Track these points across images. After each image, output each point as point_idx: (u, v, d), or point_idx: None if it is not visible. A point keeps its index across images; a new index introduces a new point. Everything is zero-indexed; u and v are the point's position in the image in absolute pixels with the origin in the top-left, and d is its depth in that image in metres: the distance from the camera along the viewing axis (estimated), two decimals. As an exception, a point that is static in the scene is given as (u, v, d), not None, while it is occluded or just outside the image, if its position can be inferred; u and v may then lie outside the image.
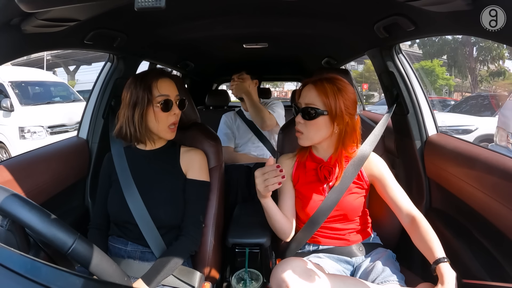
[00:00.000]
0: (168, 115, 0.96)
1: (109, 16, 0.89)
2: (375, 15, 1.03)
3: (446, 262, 0.77)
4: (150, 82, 0.94)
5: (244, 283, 0.90)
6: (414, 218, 0.89)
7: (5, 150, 4.42)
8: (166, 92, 0.95)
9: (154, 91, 0.93)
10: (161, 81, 0.95)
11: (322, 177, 0.98)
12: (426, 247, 0.83)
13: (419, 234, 0.86)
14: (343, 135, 0.94)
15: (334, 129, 0.94)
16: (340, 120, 0.92)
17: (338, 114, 0.91)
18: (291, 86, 16.35)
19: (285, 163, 1.06)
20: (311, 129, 0.94)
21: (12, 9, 0.67)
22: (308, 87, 0.95)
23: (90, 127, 1.33)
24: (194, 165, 1.01)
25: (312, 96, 0.93)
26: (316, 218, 0.96)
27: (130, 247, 0.92)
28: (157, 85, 0.94)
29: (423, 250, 0.85)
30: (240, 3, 1.08)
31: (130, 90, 0.94)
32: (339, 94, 0.92)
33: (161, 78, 0.96)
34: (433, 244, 0.82)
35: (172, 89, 0.97)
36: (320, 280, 0.71)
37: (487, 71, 16.52)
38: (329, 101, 0.91)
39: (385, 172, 0.99)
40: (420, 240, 0.86)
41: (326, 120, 0.93)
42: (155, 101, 0.93)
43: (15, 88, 4.60)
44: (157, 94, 0.93)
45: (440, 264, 0.77)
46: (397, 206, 0.94)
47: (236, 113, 1.94)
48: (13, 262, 0.46)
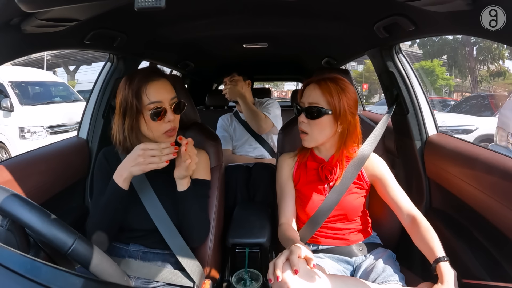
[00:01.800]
0: (162, 123, 0.86)
1: (109, 16, 0.89)
2: (375, 15, 1.03)
3: (446, 261, 0.77)
4: (138, 87, 0.84)
5: (244, 283, 0.90)
6: (415, 218, 0.90)
7: (5, 150, 4.43)
8: (157, 97, 0.85)
9: (144, 97, 0.84)
10: (151, 85, 0.85)
11: (323, 177, 0.98)
12: (426, 246, 0.84)
13: (420, 234, 0.86)
14: (346, 135, 0.95)
15: (338, 128, 0.94)
16: (344, 119, 0.92)
17: (342, 113, 0.92)
18: (291, 86, 16.34)
19: (286, 163, 1.06)
20: (315, 129, 0.94)
21: (12, 9, 0.67)
22: (312, 86, 0.95)
23: (90, 127, 1.33)
24: (199, 166, 0.99)
25: (316, 95, 0.93)
26: (316, 218, 0.96)
27: (132, 247, 0.92)
28: (146, 91, 0.84)
29: (423, 249, 0.85)
30: (240, 3, 1.08)
31: (120, 93, 0.86)
32: (342, 94, 0.92)
33: (150, 81, 0.85)
34: (433, 243, 0.82)
35: (165, 92, 0.87)
36: (321, 281, 0.71)
37: (487, 71, 16.52)
38: (333, 100, 0.91)
39: (385, 173, 0.99)
40: (420, 239, 0.86)
41: (330, 120, 0.93)
42: (145, 109, 0.84)
43: (15, 88, 4.60)
44: (147, 101, 0.84)
45: (440, 263, 0.77)
46: (398, 206, 0.94)
47: (232, 115, 1.95)
48: (13, 262, 0.46)
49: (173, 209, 0.92)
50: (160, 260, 0.92)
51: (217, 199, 1.07)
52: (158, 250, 0.92)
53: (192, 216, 0.92)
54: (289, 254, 0.71)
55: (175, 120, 0.90)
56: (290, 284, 0.70)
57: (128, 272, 0.87)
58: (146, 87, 0.85)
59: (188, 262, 0.91)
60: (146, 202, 0.90)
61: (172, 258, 0.92)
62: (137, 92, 0.84)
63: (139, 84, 0.85)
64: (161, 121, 0.87)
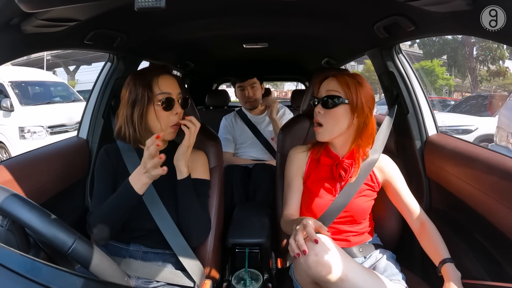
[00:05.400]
0: (170, 114, 0.90)
1: (109, 16, 0.89)
2: (375, 15, 1.03)
3: (452, 262, 0.82)
4: (150, 79, 0.88)
5: (244, 283, 0.90)
6: (424, 223, 0.93)
7: (5, 150, 4.42)
8: (168, 89, 0.89)
9: (155, 88, 0.88)
10: (162, 77, 0.90)
11: (336, 175, 0.96)
12: (433, 249, 0.87)
13: (429, 237, 0.90)
14: (361, 129, 0.93)
15: (354, 121, 0.93)
16: (361, 112, 0.92)
17: (359, 106, 0.91)
18: (291, 86, 16.34)
19: (297, 157, 1.04)
20: (330, 120, 0.93)
21: (12, 9, 0.67)
22: (329, 79, 0.96)
23: (90, 127, 1.33)
24: (198, 166, 1.00)
25: (334, 85, 0.93)
26: (323, 220, 0.95)
27: (133, 247, 0.92)
28: (158, 82, 0.88)
29: (430, 251, 0.89)
30: (240, 3, 1.08)
31: (129, 87, 0.88)
32: (360, 87, 0.92)
33: (162, 74, 0.90)
34: (440, 246, 0.87)
35: (174, 86, 0.92)
36: (343, 258, 0.72)
37: (487, 71, 16.51)
38: (350, 92, 0.91)
39: (398, 177, 1.00)
40: (428, 243, 0.90)
41: (346, 110, 0.92)
42: (156, 99, 0.87)
43: (15, 88, 4.60)
44: (158, 91, 0.88)
45: (447, 264, 0.81)
46: (409, 211, 0.96)
47: (236, 114, 1.93)
48: (13, 262, 0.46)
49: (175, 209, 0.92)
50: (161, 260, 0.92)
51: (217, 199, 1.07)
52: (158, 250, 0.92)
53: (193, 212, 0.92)
54: (303, 228, 0.73)
55: (179, 115, 0.93)
56: (312, 256, 0.70)
57: (129, 272, 0.87)
58: (158, 79, 0.89)
59: (189, 262, 0.91)
60: (148, 201, 0.90)
61: (172, 258, 0.93)
62: (149, 83, 0.88)
63: (151, 77, 0.89)
64: (169, 113, 0.90)
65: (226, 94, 2.74)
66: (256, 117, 1.89)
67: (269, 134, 1.82)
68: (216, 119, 1.99)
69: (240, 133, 1.85)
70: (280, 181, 1.18)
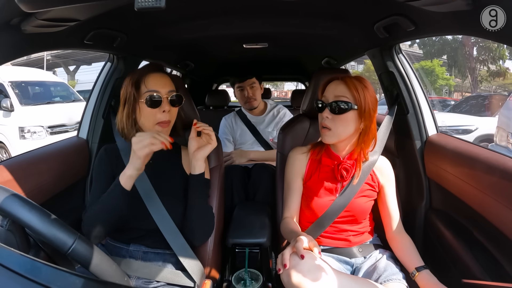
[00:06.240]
0: (157, 112, 0.90)
1: (109, 16, 0.89)
2: (375, 15, 1.03)
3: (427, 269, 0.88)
4: (139, 78, 0.91)
5: (244, 283, 0.90)
6: (401, 233, 0.99)
7: (5, 150, 4.42)
8: (155, 87, 0.90)
9: (142, 87, 0.90)
10: (150, 76, 0.91)
11: (338, 176, 0.96)
12: (406, 258, 0.93)
13: (401, 247, 0.96)
14: (366, 133, 0.94)
15: (360, 125, 0.93)
16: (368, 116, 0.92)
17: (366, 110, 0.91)
18: (291, 86, 16.34)
19: (297, 158, 1.04)
20: (339, 125, 0.92)
21: (12, 9, 0.67)
22: (336, 82, 0.94)
23: (90, 127, 1.33)
24: None
25: (343, 90, 0.92)
26: (323, 220, 0.95)
27: (133, 247, 0.91)
28: (145, 81, 0.90)
29: (404, 260, 0.94)
30: (240, 3, 1.08)
31: (124, 87, 0.92)
32: (366, 91, 0.92)
33: (150, 73, 0.92)
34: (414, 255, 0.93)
35: (163, 84, 0.91)
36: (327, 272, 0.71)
37: (487, 71, 16.51)
38: (359, 96, 0.90)
39: (392, 184, 1.02)
40: (402, 252, 0.95)
41: (355, 115, 0.92)
42: (141, 97, 0.90)
43: (15, 88, 4.60)
44: (144, 90, 0.90)
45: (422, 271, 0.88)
46: (390, 219, 0.99)
47: (236, 114, 1.93)
48: (13, 262, 0.46)
49: (174, 208, 0.92)
50: (161, 260, 0.92)
51: (217, 199, 1.07)
52: (159, 250, 0.92)
53: (202, 206, 0.93)
54: (295, 243, 0.74)
55: (170, 113, 0.93)
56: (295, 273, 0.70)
57: (129, 272, 0.87)
58: (145, 77, 0.91)
59: (189, 262, 0.91)
60: (148, 201, 0.90)
61: (172, 258, 0.93)
62: (137, 82, 0.90)
63: (140, 76, 0.91)
64: (156, 110, 0.90)
65: (226, 94, 2.74)
66: (256, 118, 1.89)
67: (269, 134, 1.82)
68: (216, 119, 1.99)
69: (240, 133, 1.85)
70: (280, 181, 1.18)
